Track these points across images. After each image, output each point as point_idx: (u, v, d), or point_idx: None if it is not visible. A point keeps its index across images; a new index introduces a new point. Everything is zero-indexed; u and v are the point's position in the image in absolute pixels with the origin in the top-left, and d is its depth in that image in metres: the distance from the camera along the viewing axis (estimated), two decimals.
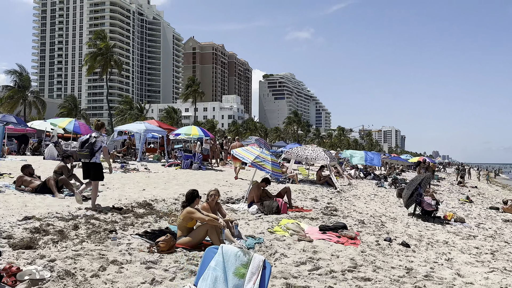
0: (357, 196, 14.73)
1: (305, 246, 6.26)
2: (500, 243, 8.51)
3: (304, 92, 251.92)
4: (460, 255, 7.03)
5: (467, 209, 14.70)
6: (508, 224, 11.96)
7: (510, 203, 15.51)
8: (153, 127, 20.63)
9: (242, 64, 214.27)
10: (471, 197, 19.55)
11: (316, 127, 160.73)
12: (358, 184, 19.70)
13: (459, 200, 17.68)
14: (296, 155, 17.69)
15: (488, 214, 13.64)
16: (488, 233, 9.80)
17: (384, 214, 10.99)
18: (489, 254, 7.25)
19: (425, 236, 8.49)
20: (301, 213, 9.40)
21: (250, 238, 6.39)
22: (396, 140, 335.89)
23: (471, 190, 26.00)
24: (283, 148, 40.28)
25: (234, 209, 9.09)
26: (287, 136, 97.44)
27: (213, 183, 13.36)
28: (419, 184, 11.39)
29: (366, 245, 6.87)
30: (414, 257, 6.48)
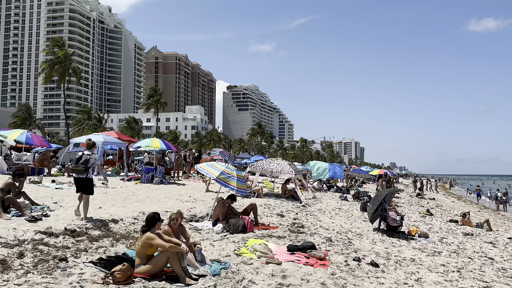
0: (322, 210, 14.63)
1: (274, 270, 5.95)
2: (464, 259, 8.59)
3: (267, 104, 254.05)
4: (428, 274, 6.97)
5: (428, 222, 14.96)
6: (468, 238, 12.22)
7: (467, 216, 15.98)
8: (112, 138, 19.76)
9: (206, 75, 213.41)
10: (431, 209, 20.05)
11: (279, 139, 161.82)
12: (322, 197, 19.70)
13: (419, 213, 18.04)
14: (262, 168, 17.45)
15: (448, 228, 13.92)
16: (452, 248, 9.91)
17: (350, 230, 10.90)
18: (456, 272, 7.25)
19: (392, 253, 8.42)
20: (268, 231, 9.10)
21: (215, 263, 6.00)
22: (356, 152, 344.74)
23: (430, 202, 26.76)
24: (248, 160, 40.10)
25: (198, 228, 8.66)
26: (251, 148, 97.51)
27: (176, 199, 12.83)
28: (384, 199, 11.43)
29: (335, 266, 6.65)
30: (384, 278, 6.33)
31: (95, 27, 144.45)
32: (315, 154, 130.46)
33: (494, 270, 7.95)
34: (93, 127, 56.18)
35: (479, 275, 7.34)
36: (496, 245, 11.57)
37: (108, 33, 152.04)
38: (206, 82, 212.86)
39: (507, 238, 13.42)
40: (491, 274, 7.54)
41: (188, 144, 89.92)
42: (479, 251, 10.06)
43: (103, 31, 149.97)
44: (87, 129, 55.68)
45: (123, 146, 20.13)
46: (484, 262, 8.68)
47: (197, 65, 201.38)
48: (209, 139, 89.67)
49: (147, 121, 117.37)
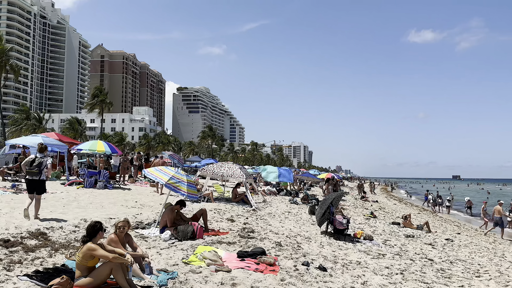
0: (272, 214, 14.71)
1: (223, 278, 5.83)
2: (407, 261, 8.95)
3: (219, 107, 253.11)
4: (373, 276, 7.16)
5: (372, 224, 15.50)
6: (409, 239, 12.80)
7: (409, 219, 16.77)
8: (52, 140, 18.62)
9: (155, 75, 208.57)
10: (374, 212, 20.83)
11: (230, 142, 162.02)
12: (272, 200, 19.84)
13: (364, 215, 18.67)
14: (212, 172, 17.24)
15: (391, 230, 14.51)
16: (395, 250, 10.30)
17: (299, 233, 11.01)
18: (399, 274, 7.51)
19: (339, 256, 8.59)
20: (218, 237, 8.96)
21: (162, 273, 5.77)
22: (304, 155, 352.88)
23: (373, 204, 27.86)
24: (198, 164, 39.57)
25: (144, 236, 8.33)
26: (201, 150, 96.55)
27: (121, 205, 12.32)
28: (331, 203, 11.68)
29: (285, 271, 6.65)
30: (332, 282, 6.42)
31: (36, 22, 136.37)
32: (266, 157, 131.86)
33: (434, 271, 8.35)
34: (32, 128, 52.95)
35: (421, 276, 7.67)
36: (435, 246, 12.21)
37: (51, 29, 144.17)
38: (155, 83, 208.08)
39: (445, 239, 14.24)
40: (431, 275, 7.91)
41: (135, 146, 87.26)
42: (420, 252, 10.55)
43: (45, 27, 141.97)
44: (26, 129, 52.40)
45: (64, 148, 19.05)
46: (424, 263, 9.09)
47: (146, 65, 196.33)
48: (157, 142, 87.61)
49: (91, 122, 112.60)
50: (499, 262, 11.05)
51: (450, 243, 13.46)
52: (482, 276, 8.65)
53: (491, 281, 8.23)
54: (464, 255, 11.23)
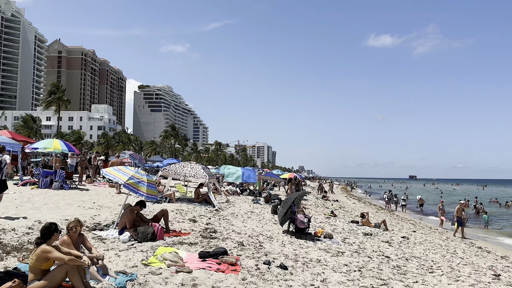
0: (235, 214, 14.71)
1: (184, 279, 5.78)
2: (365, 259, 9.22)
3: (182, 106, 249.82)
4: (333, 274, 7.33)
5: (332, 223, 15.84)
6: (367, 237, 13.19)
7: (367, 217, 17.29)
8: (4, 138, 17.70)
9: (115, 73, 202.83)
10: (335, 211, 21.31)
11: (193, 142, 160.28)
12: (235, 200, 19.83)
13: (325, 214, 19.05)
14: (175, 172, 16.99)
15: (350, 228, 14.89)
16: (353, 248, 10.59)
17: (261, 233, 11.08)
18: (357, 271, 7.73)
19: (300, 255, 8.72)
20: (179, 237, 8.85)
21: (121, 275, 5.63)
22: (268, 156, 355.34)
23: (334, 203, 28.48)
24: (160, 164, 38.89)
25: (102, 238, 8.09)
26: (163, 150, 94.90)
27: (78, 206, 11.90)
28: (293, 202, 11.84)
29: (246, 271, 6.68)
30: (293, 280, 6.51)
31: None
32: (229, 157, 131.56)
33: (390, 268, 8.65)
34: None
35: (378, 273, 7.92)
36: (392, 244, 12.65)
37: (4, 22, 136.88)
38: (116, 80, 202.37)
39: (401, 237, 14.78)
40: (388, 272, 8.19)
41: (93, 146, 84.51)
42: (377, 250, 10.89)
43: None
44: None
45: (18, 147, 18.16)
46: (381, 260, 9.41)
47: (106, 62, 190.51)
48: (117, 141, 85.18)
49: (47, 120, 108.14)
50: (451, 258, 11.62)
51: (406, 240, 14.00)
52: (435, 272, 9.05)
53: (443, 276, 8.63)
54: (419, 252, 11.71)
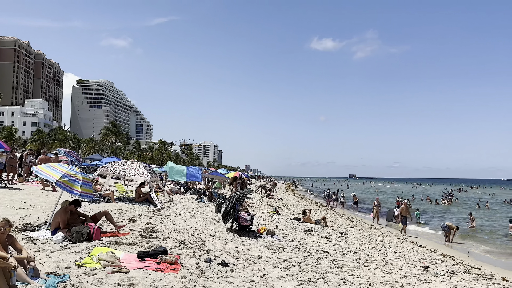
0: (178, 213, 14.48)
1: (120, 279, 5.58)
2: (304, 254, 9.47)
3: (124, 102, 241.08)
4: (273, 269, 7.45)
5: (275, 220, 16.11)
6: (308, 234, 13.56)
7: (308, 214, 17.77)
8: None
9: (52, 66, 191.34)
10: (278, 208, 21.70)
11: (136, 140, 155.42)
12: (179, 200, 19.53)
13: (268, 212, 19.33)
14: (114, 171, 16.37)
15: (292, 225, 15.23)
16: (294, 244, 10.84)
17: (204, 231, 11.01)
18: (297, 266, 7.92)
19: (241, 252, 8.77)
20: (117, 238, 8.54)
21: (52, 276, 5.32)
22: (214, 155, 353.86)
23: (278, 201, 28.99)
24: (99, 162, 37.27)
25: (33, 238, 7.61)
26: (103, 148, 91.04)
27: (7, 205, 11.09)
28: (237, 200, 11.88)
29: (186, 269, 6.60)
30: (233, 277, 6.53)
31: None
32: (174, 156, 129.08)
33: (328, 262, 8.96)
34: None
35: (316, 267, 8.17)
36: (330, 239, 13.12)
37: None
38: (52, 74, 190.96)
39: (339, 232, 15.37)
40: (326, 266, 8.47)
41: (27, 143, 79.22)
42: (316, 245, 11.23)
43: None
44: None
45: None
46: (320, 255, 9.71)
47: (42, 54, 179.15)
48: (53, 138, 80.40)
49: None
50: (385, 252, 12.27)
51: (344, 236, 14.58)
52: (370, 265, 9.50)
53: (377, 269, 9.08)
54: (355, 247, 12.24)
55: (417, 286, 7.88)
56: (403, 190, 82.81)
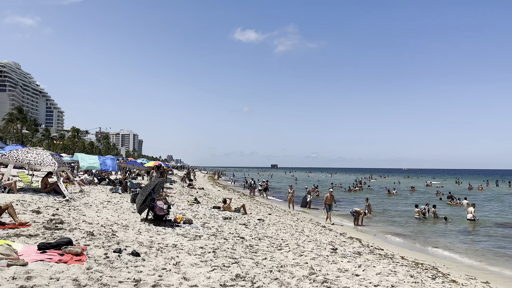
0: (89, 204, 13.69)
1: (17, 272, 5.13)
2: (221, 241, 9.54)
3: (32, 86, 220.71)
4: (187, 257, 7.38)
5: (195, 209, 15.99)
6: (227, 221, 13.67)
7: (228, 202, 17.92)
8: None
9: None
10: (199, 198, 21.57)
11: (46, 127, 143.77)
12: (91, 190, 18.49)
13: (188, 201, 19.12)
14: (16, 159, 14.94)
15: (212, 214, 15.24)
16: (211, 231, 10.85)
17: (116, 222, 10.55)
18: (212, 253, 7.95)
19: (155, 241, 8.57)
20: (16, 230, 7.83)
21: None
22: (134, 144, 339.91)
23: (199, 191, 28.81)
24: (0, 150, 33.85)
25: None
26: (8, 136, 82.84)
27: None
28: (153, 189, 11.55)
29: (93, 260, 6.27)
30: (144, 266, 6.35)
31: None
32: (89, 145, 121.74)
33: (243, 248, 9.12)
34: None
35: (231, 253, 8.27)
36: (248, 226, 13.37)
37: None
38: None
39: (257, 219, 15.72)
40: (241, 251, 8.62)
41: None
42: (234, 232, 11.37)
43: None
44: None
45: None
46: (236, 241, 9.85)
47: None
48: None
49: None
50: (299, 236, 12.82)
51: (262, 222, 14.95)
52: (283, 249, 9.87)
53: (289, 252, 9.46)
54: (271, 232, 12.62)
55: (325, 266, 8.36)
56: (318, 179, 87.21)
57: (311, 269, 7.74)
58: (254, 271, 6.89)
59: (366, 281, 7.41)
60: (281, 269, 7.42)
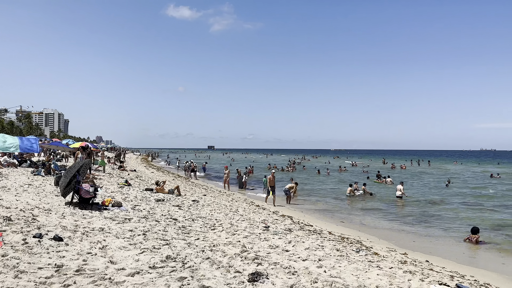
0: (7, 187, 12.65)
1: None
2: (152, 223, 9.30)
3: None
4: (115, 240, 7.11)
5: (125, 192, 15.44)
6: (159, 203, 13.38)
7: (161, 184, 17.54)
8: None
9: None
10: (130, 180, 20.86)
11: None
12: (10, 173, 17.10)
13: (118, 184, 18.41)
14: None
15: (144, 196, 14.82)
16: (142, 214, 10.55)
17: (38, 206, 9.85)
18: (142, 235, 7.72)
19: (81, 225, 8.14)
20: None
21: None
22: (59, 124, 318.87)
23: (131, 173, 27.86)
24: None
25: None
26: None
27: None
28: (78, 171, 10.93)
29: (9, 246, 5.80)
30: (67, 251, 6.01)
31: None
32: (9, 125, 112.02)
33: (176, 229, 8.98)
34: None
35: (162, 234, 8.11)
36: (182, 207, 13.20)
37: None
38: None
39: (192, 200, 15.59)
40: (173, 233, 8.48)
41: None
42: (166, 214, 11.16)
43: None
44: None
45: None
46: (168, 223, 9.67)
47: None
48: None
49: None
50: (233, 216, 12.93)
51: (196, 203, 14.85)
52: (216, 228, 9.88)
53: (222, 232, 9.50)
54: (205, 213, 12.58)
55: (257, 244, 8.52)
56: (254, 159, 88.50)
57: (243, 247, 7.84)
58: (185, 252, 6.82)
59: (295, 256, 7.68)
60: (213, 248, 7.43)
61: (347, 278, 6.38)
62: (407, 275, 7.02)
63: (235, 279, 5.58)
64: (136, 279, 5.10)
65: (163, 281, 5.11)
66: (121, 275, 5.18)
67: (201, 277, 5.46)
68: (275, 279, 5.79)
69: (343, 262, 7.62)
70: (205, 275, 5.58)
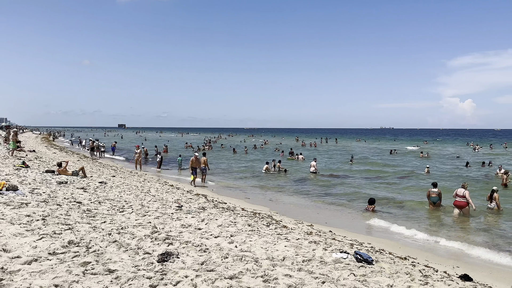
0: None
1: None
2: (53, 207, 8.65)
3: None
4: (9, 227, 6.48)
5: (22, 175, 14.11)
6: (62, 186, 12.47)
7: (64, 165, 16.32)
8: None
9: None
10: (28, 161, 19.11)
11: None
12: None
13: (14, 166, 16.75)
14: None
15: (44, 178, 13.69)
16: (42, 198, 9.75)
17: None
18: (41, 220, 7.15)
19: None
20: None
21: None
22: None
23: (29, 154, 25.51)
24: None
25: None
26: None
27: None
28: None
29: None
30: None
31: None
32: None
33: (80, 213, 8.46)
34: None
35: (64, 219, 7.58)
36: (87, 189, 12.45)
37: None
38: None
39: (99, 182, 14.79)
40: (76, 216, 7.98)
41: None
42: (69, 197, 10.44)
43: None
44: None
45: None
46: (72, 207, 9.07)
47: None
48: None
49: None
50: (144, 197, 12.57)
51: (103, 185, 14.13)
52: (125, 210, 9.52)
53: (132, 213, 9.19)
54: (113, 195, 12.04)
55: (169, 224, 8.41)
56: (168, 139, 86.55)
57: (154, 227, 7.69)
58: (90, 236, 6.48)
59: (208, 233, 7.75)
60: (121, 231, 7.16)
61: (256, 251, 6.62)
62: (312, 245, 7.50)
63: (143, 260, 5.47)
64: (33, 267, 4.73)
65: (64, 267, 4.81)
66: (16, 264, 4.77)
67: (107, 261, 5.25)
68: (186, 258, 5.79)
69: (254, 236, 7.88)
70: (112, 259, 5.37)
